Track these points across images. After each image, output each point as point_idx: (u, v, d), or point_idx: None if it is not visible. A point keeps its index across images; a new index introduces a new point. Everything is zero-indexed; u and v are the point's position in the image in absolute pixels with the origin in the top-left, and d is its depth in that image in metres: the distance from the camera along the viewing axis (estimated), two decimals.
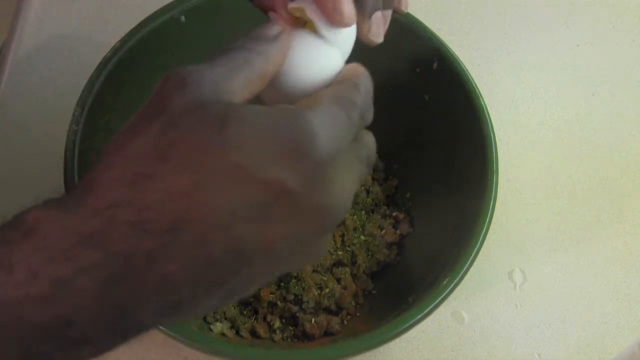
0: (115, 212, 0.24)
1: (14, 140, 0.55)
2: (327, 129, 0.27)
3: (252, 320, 0.47)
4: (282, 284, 0.47)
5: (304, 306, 0.46)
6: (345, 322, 0.47)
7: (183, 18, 0.47)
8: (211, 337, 0.44)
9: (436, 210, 0.49)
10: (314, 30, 0.32)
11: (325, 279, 0.47)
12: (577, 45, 0.63)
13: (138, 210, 0.24)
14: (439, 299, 0.40)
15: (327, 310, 0.47)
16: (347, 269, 0.48)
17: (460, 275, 0.40)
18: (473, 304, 0.51)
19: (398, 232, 0.50)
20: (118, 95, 0.45)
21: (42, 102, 0.57)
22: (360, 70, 0.33)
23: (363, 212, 0.51)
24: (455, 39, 0.51)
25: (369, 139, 0.32)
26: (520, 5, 0.65)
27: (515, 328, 0.51)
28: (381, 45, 0.49)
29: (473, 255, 0.41)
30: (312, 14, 0.31)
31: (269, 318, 0.46)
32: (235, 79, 0.28)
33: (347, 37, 0.33)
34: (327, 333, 0.46)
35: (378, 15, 0.35)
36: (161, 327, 0.38)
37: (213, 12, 0.48)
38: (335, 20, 0.31)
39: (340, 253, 0.48)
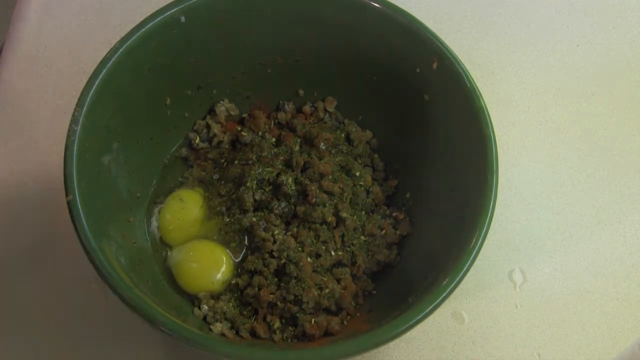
0: None
1: (14, 140, 0.55)
2: None
3: (252, 320, 0.47)
4: (282, 285, 0.47)
5: (303, 306, 0.46)
6: (345, 322, 0.47)
7: (183, 18, 0.47)
8: (211, 337, 0.44)
9: (436, 211, 0.49)
10: None
11: (325, 279, 0.47)
12: (577, 45, 0.64)
13: None
14: (439, 299, 0.39)
15: (327, 311, 0.47)
16: (347, 269, 0.48)
17: (460, 275, 0.40)
18: (473, 304, 0.51)
19: (398, 232, 0.50)
20: (118, 95, 0.45)
21: (42, 102, 0.57)
22: None
23: (363, 212, 0.51)
24: (455, 39, 0.51)
25: None
26: (520, 5, 0.65)
27: (515, 328, 0.51)
28: (381, 45, 0.50)
29: (473, 255, 0.41)
30: None
31: (268, 318, 0.46)
32: None
33: None
34: (327, 333, 0.46)
35: None
36: (161, 327, 0.38)
37: (213, 12, 0.48)
38: None
39: (340, 253, 0.48)
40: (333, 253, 0.48)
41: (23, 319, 0.49)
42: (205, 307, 0.47)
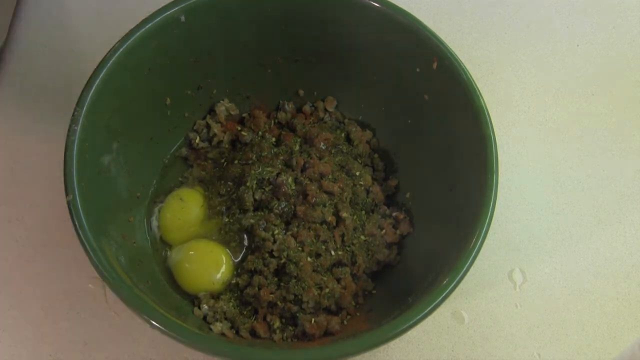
0: None
1: (14, 140, 0.55)
2: None
3: (252, 320, 0.47)
4: (282, 284, 0.47)
5: (303, 306, 0.46)
6: (345, 322, 0.47)
7: (183, 18, 0.47)
8: (211, 337, 0.44)
9: (436, 211, 0.49)
10: None
11: (325, 279, 0.47)
12: (577, 45, 0.64)
13: None
14: (439, 299, 0.40)
15: (327, 310, 0.47)
16: (347, 269, 0.48)
17: (460, 275, 0.40)
18: (473, 304, 0.51)
19: (398, 232, 0.50)
20: (118, 95, 0.45)
21: (42, 102, 0.57)
22: None
23: (363, 212, 0.51)
24: (455, 39, 0.51)
25: None
26: (520, 5, 0.65)
27: (515, 328, 0.51)
28: (381, 45, 0.50)
29: (473, 255, 0.41)
30: None
31: (268, 318, 0.46)
32: None
33: None
34: (327, 333, 0.46)
35: None
36: (161, 327, 0.38)
37: (213, 12, 0.48)
38: None
39: (340, 253, 0.48)
40: (333, 253, 0.48)
41: (23, 319, 0.49)
42: (205, 306, 0.47)
